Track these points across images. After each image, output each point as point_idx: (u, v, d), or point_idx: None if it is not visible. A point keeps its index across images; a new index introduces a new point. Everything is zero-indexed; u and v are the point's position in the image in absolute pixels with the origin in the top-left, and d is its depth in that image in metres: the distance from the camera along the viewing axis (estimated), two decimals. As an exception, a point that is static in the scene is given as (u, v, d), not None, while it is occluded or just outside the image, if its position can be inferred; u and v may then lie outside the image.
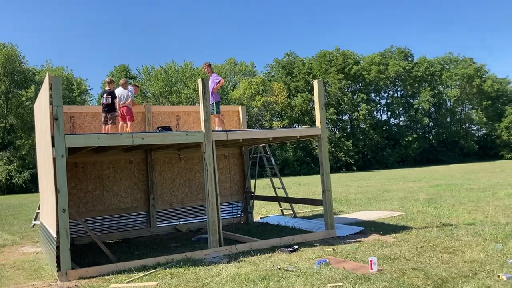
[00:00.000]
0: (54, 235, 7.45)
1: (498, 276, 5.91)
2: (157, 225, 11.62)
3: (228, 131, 9.19)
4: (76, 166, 10.77)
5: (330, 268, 6.78)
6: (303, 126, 12.51)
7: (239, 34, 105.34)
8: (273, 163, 13.00)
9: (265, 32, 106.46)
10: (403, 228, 9.92)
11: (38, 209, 12.66)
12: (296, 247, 8.40)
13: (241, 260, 7.70)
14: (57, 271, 7.22)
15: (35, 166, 35.69)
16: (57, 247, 7.21)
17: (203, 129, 8.56)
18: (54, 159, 7.29)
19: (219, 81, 10.89)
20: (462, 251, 7.44)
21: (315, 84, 9.66)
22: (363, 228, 10.01)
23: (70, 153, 7.52)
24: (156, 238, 10.94)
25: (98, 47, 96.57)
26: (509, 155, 60.20)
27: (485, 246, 7.74)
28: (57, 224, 7.22)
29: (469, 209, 12.19)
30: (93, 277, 7.19)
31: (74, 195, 10.64)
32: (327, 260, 7.25)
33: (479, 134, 67.54)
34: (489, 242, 7.99)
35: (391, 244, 8.34)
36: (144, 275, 7.07)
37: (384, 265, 6.85)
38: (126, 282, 6.80)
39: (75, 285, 6.85)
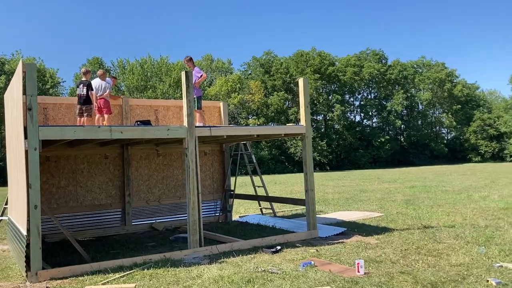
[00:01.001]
0: (24, 232, 6.99)
1: (487, 281, 5.85)
2: (133, 223, 11.20)
3: (212, 126, 8.89)
4: (48, 160, 10.23)
5: (315, 271, 6.59)
6: (288, 124, 12.31)
7: (217, 30, 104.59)
8: (254, 161, 12.75)
9: (242, 29, 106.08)
10: (385, 230, 9.85)
11: (6, 204, 12.01)
12: (279, 247, 8.18)
13: (223, 261, 7.43)
14: (26, 271, 6.78)
15: (2, 159, 34.39)
16: (27, 246, 6.76)
17: (185, 124, 8.23)
18: (26, 151, 6.84)
19: (201, 76, 10.55)
20: (447, 254, 7.38)
21: (300, 81, 9.46)
22: (345, 229, 9.89)
23: (42, 146, 7.06)
24: (131, 236, 10.53)
25: (71, 38, 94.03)
26: (476, 159, 61.91)
27: (469, 249, 7.71)
28: (28, 221, 6.77)
29: (447, 211, 12.27)
30: (66, 277, 6.78)
31: (46, 190, 10.11)
32: (312, 262, 7.06)
33: (449, 137, 69.29)
34: (472, 245, 7.98)
35: (375, 246, 8.24)
36: (121, 276, 6.71)
37: (371, 268, 6.71)
38: (102, 284, 6.43)
39: (47, 287, 6.43)
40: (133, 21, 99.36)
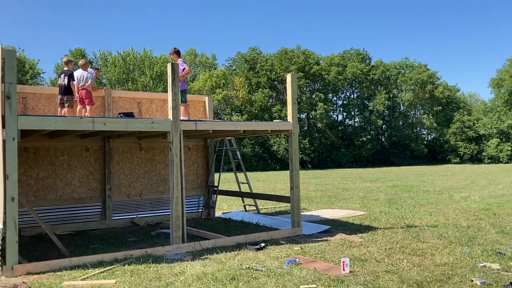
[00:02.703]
0: (0, 225, 6.73)
1: (472, 280, 5.85)
2: (113, 218, 10.95)
3: (197, 120, 8.73)
4: (27, 151, 9.91)
5: (300, 268, 6.51)
6: (275, 121, 12.21)
7: (201, 24, 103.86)
8: (239, 157, 12.62)
9: (226, 24, 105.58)
10: (368, 228, 9.85)
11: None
12: (263, 245, 8.08)
13: (206, 258, 7.29)
14: (2, 265, 6.53)
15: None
16: (3, 239, 6.51)
17: (170, 117, 8.04)
18: (4, 141, 6.57)
19: (184, 69, 10.33)
20: (431, 254, 7.39)
21: (288, 77, 9.36)
22: (329, 226, 9.85)
23: (21, 136, 6.81)
24: (112, 231, 10.30)
25: (53, 28, 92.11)
26: (455, 160, 62.91)
27: (452, 249, 7.74)
28: (5, 213, 6.52)
29: (430, 211, 12.36)
30: (43, 272, 6.57)
31: (24, 182, 9.79)
32: (297, 260, 6.98)
33: (429, 138, 70.27)
34: (455, 245, 8.01)
35: (359, 245, 8.21)
36: (101, 272, 6.52)
37: (356, 267, 6.66)
38: (81, 279, 6.23)
39: (23, 282, 6.19)
40: (118, 12, 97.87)
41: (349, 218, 11.42)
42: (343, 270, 6.36)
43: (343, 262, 6.42)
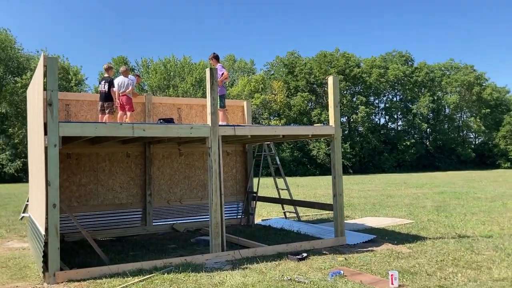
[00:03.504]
0: (43, 231, 6.78)
1: (537, 299, 5.32)
2: (153, 224, 10.94)
3: (236, 126, 8.54)
4: (69, 158, 10.06)
5: (345, 281, 6.16)
6: (316, 125, 11.87)
7: (240, 31, 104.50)
8: (278, 162, 12.35)
9: (264, 29, 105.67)
10: (417, 238, 9.31)
11: (28, 200, 11.95)
12: (304, 255, 7.76)
13: (246, 268, 7.05)
14: (44, 272, 6.55)
15: (27, 155, 34.82)
16: (45, 245, 6.54)
17: (209, 122, 7.89)
18: (46, 148, 6.61)
19: (222, 74, 10.19)
20: (487, 267, 6.84)
21: (330, 80, 9.01)
22: (375, 236, 9.39)
23: (63, 142, 6.84)
24: (152, 237, 10.27)
25: (96, 38, 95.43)
26: (506, 165, 59.92)
27: (511, 262, 7.14)
28: (47, 219, 6.54)
29: (482, 220, 11.62)
30: (84, 280, 6.53)
31: (66, 188, 9.93)
32: (342, 272, 6.62)
33: (477, 142, 67.36)
34: (514, 258, 7.39)
35: (407, 256, 7.73)
36: (140, 280, 6.41)
37: (405, 280, 6.23)
38: (120, 288, 6.15)
39: (64, 289, 6.18)
40: (157, 22, 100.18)
41: (395, 227, 10.89)
42: (392, 284, 5.96)
43: (392, 275, 6.02)
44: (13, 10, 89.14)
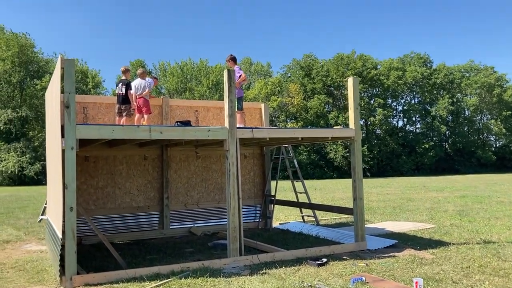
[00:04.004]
0: (60, 234, 6.73)
1: None
2: (170, 227, 10.86)
3: (254, 128, 8.41)
4: (87, 160, 10.05)
5: (368, 288, 5.95)
6: (335, 127, 11.66)
7: (256, 34, 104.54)
8: (296, 165, 12.17)
9: (280, 32, 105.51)
10: (440, 243, 9.02)
11: (46, 203, 12.00)
12: (324, 260, 7.56)
13: (265, 273, 6.89)
14: (61, 275, 6.50)
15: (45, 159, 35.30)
16: (62, 248, 6.49)
17: (226, 125, 7.77)
18: (63, 151, 6.57)
19: (240, 76, 10.07)
20: (517, 275, 6.55)
21: (350, 81, 8.82)
22: (396, 241, 9.13)
23: (81, 145, 6.80)
24: (169, 241, 10.18)
25: (114, 41, 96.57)
26: (529, 168, 58.63)
27: (541, 270, 6.84)
28: (63, 223, 6.49)
29: (508, 225, 11.24)
30: (101, 284, 6.45)
31: (84, 191, 9.93)
32: (363, 278, 6.41)
33: (497, 144, 66.00)
34: (545, 266, 7.08)
35: (431, 262, 7.47)
36: (157, 285, 6.31)
37: (430, 288, 6.00)
38: (137, 293, 6.05)
39: (81, 293, 6.11)
40: (172, 26, 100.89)
41: (417, 232, 10.60)
42: (416, 291, 5.73)
43: (416, 282, 5.79)
44: (33, 12, 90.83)
